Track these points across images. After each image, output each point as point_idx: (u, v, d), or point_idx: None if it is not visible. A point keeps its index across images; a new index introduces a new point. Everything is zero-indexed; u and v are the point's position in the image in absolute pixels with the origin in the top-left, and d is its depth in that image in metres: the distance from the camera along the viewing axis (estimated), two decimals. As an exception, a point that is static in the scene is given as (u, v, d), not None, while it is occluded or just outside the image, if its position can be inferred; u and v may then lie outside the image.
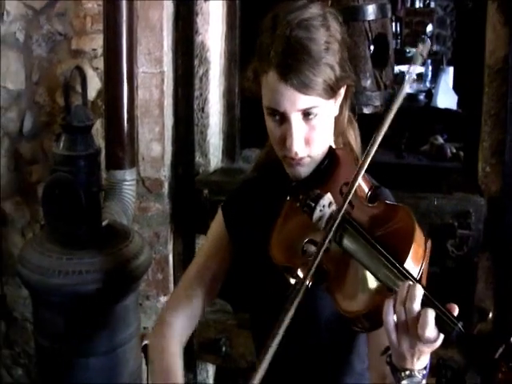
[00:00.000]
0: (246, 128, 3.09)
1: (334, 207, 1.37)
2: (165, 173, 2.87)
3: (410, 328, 1.18)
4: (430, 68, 5.24)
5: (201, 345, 2.89)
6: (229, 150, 3.07)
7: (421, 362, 1.23)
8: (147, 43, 2.75)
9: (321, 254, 1.30)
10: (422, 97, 4.61)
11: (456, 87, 4.67)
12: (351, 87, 1.51)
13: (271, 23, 1.41)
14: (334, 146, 1.53)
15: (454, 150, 3.39)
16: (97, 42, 2.81)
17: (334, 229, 1.31)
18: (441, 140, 3.53)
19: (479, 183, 2.65)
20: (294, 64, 1.35)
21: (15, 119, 3.04)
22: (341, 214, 1.32)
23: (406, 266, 1.23)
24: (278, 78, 1.36)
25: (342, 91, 1.48)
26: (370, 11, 3.02)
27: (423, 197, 2.56)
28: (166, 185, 2.89)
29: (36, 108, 3.00)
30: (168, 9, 2.74)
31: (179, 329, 1.72)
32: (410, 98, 4.41)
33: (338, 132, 1.58)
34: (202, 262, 1.73)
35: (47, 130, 2.96)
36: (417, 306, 1.17)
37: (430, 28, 6.79)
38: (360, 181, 1.37)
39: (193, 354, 2.90)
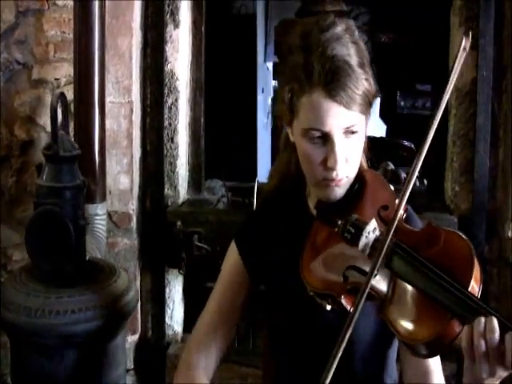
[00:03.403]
0: (208, 159, 3.07)
1: (377, 233, 1.35)
2: (133, 206, 2.77)
3: (491, 357, 1.17)
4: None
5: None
6: (195, 181, 3.02)
7: None
8: (115, 72, 2.66)
9: (370, 282, 1.27)
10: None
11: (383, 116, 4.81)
12: None
13: (302, 42, 1.41)
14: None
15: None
16: (60, 71, 2.69)
17: (382, 255, 1.29)
18: (392, 166, 3.58)
19: (448, 202, 2.73)
20: (340, 81, 1.36)
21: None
22: (388, 238, 1.29)
23: (470, 289, 1.21)
24: (325, 97, 1.36)
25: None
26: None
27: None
28: (135, 219, 2.78)
29: (-8, 142, 2.83)
30: (137, 36, 2.67)
31: (204, 365, 1.66)
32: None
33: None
34: (221, 298, 1.68)
35: (4, 165, 2.78)
36: (497, 336, 1.16)
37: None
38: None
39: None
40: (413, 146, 3.97)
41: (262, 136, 3.96)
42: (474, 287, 1.22)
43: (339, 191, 1.44)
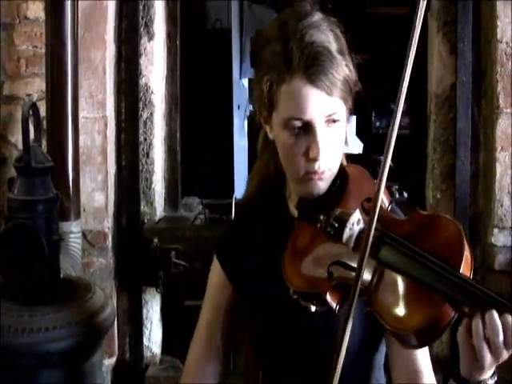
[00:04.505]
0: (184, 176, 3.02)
1: (362, 225, 1.31)
2: (108, 224, 2.71)
3: (492, 342, 1.13)
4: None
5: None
6: (171, 198, 2.97)
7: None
8: (89, 86, 2.61)
9: (362, 274, 1.22)
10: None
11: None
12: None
13: (280, 31, 1.39)
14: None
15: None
16: (32, 87, 2.63)
17: (369, 245, 1.23)
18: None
19: (429, 210, 2.70)
20: (320, 65, 1.34)
21: None
22: (373, 227, 1.23)
23: (461, 271, 1.17)
24: (305, 83, 1.33)
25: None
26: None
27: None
28: (110, 237, 2.72)
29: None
30: (110, 49, 2.63)
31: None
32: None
33: None
34: (210, 319, 1.63)
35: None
36: (499, 323, 1.12)
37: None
38: (383, 197, 1.32)
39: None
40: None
41: (238, 152, 3.93)
42: (465, 269, 1.18)
43: (322, 185, 1.40)
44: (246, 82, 4.07)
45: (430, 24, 2.68)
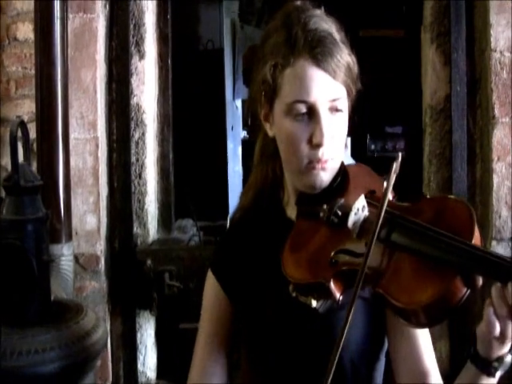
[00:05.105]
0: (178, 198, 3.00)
1: (366, 212, 1.30)
2: (101, 247, 2.67)
3: None
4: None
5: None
6: (164, 220, 2.94)
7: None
8: (79, 106, 2.59)
9: (369, 257, 1.20)
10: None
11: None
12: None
13: (284, 22, 1.40)
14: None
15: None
16: (22, 109, 2.62)
17: (378, 228, 1.22)
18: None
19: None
20: (326, 48, 1.35)
21: None
22: (385, 204, 1.22)
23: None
24: (310, 63, 1.34)
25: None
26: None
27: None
28: (103, 260, 2.68)
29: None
30: (101, 69, 2.61)
31: None
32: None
33: None
34: (208, 335, 1.59)
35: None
36: None
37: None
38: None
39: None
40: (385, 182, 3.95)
41: (232, 177, 3.89)
42: (476, 241, 1.18)
43: (325, 177, 1.39)
44: (239, 103, 4.06)
45: (423, 36, 2.69)
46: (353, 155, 4.85)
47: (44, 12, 2.39)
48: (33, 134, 2.43)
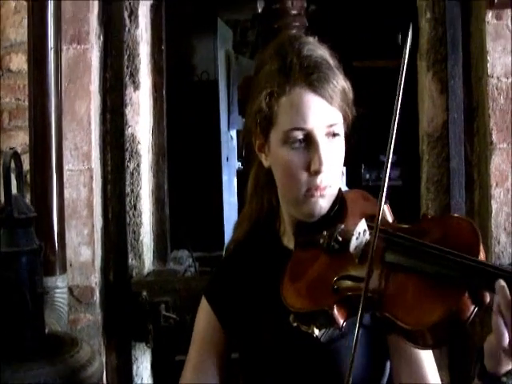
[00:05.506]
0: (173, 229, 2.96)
1: (367, 236, 1.29)
2: (96, 279, 2.64)
3: None
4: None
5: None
6: (160, 251, 2.90)
7: None
8: (73, 137, 2.57)
9: (371, 280, 1.21)
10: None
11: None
12: None
13: (278, 50, 1.41)
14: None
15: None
16: (15, 140, 2.60)
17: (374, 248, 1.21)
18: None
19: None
20: (321, 73, 1.35)
21: None
22: (377, 225, 1.22)
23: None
24: (306, 90, 1.34)
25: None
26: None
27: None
28: (98, 292, 2.65)
29: None
30: (95, 100, 2.60)
31: None
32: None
33: None
34: (198, 362, 1.57)
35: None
36: None
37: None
38: (386, 210, 1.34)
39: None
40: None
41: (227, 207, 3.89)
42: (483, 258, 1.18)
43: (323, 204, 1.38)
44: (234, 134, 4.06)
45: (419, 63, 2.69)
46: (348, 185, 4.87)
47: (37, 43, 2.38)
48: (26, 166, 2.41)
